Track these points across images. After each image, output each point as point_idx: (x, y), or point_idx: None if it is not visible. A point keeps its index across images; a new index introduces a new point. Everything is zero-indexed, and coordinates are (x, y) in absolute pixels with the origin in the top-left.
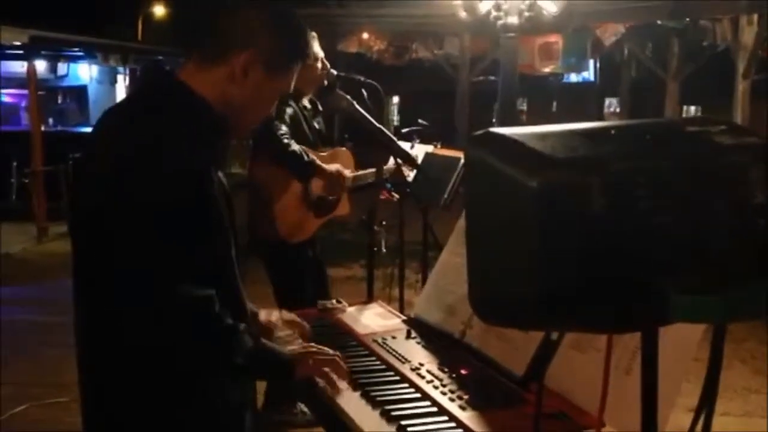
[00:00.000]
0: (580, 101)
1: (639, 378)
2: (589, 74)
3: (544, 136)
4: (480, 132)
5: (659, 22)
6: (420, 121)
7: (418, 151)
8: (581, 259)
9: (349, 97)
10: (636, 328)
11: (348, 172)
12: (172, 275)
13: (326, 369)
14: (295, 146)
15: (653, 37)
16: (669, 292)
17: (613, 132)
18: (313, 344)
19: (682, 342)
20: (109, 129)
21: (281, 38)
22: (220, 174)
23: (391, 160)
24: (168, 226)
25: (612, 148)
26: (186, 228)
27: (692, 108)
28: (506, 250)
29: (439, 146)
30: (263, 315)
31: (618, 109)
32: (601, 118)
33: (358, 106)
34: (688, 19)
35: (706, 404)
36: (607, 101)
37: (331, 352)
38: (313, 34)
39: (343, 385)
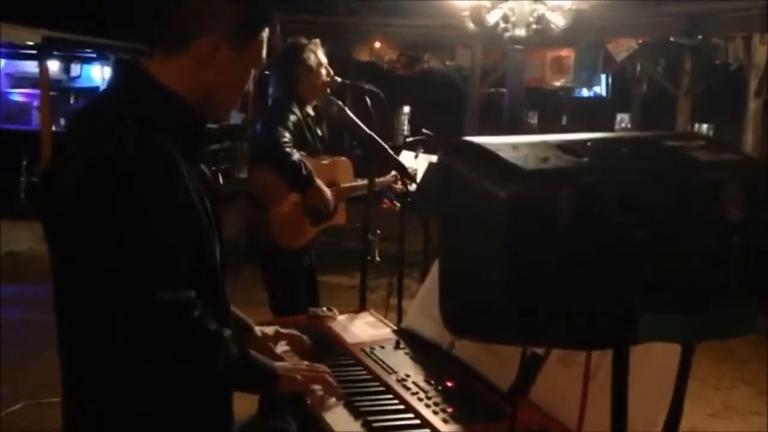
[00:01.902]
0: (591, 116)
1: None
2: (600, 89)
3: (516, 147)
4: (453, 140)
5: (672, 38)
6: (424, 131)
7: (422, 161)
8: (550, 273)
9: (340, 103)
10: (607, 345)
11: (329, 193)
12: (149, 278)
13: (315, 387)
14: (296, 156)
15: (665, 54)
16: (639, 310)
17: (589, 144)
18: (305, 362)
19: (669, 358)
20: (78, 131)
21: (241, 12)
22: (203, 167)
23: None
24: (136, 230)
25: (585, 161)
26: (160, 229)
27: (704, 126)
28: (476, 261)
29: None
30: (258, 330)
31: (629, 125)
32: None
33: (349, 113)
34: (700, 37)
35: (671, 424)
36: (619, 117)
37: (322, 368)
38: (316, 41)
39: (331, 402)
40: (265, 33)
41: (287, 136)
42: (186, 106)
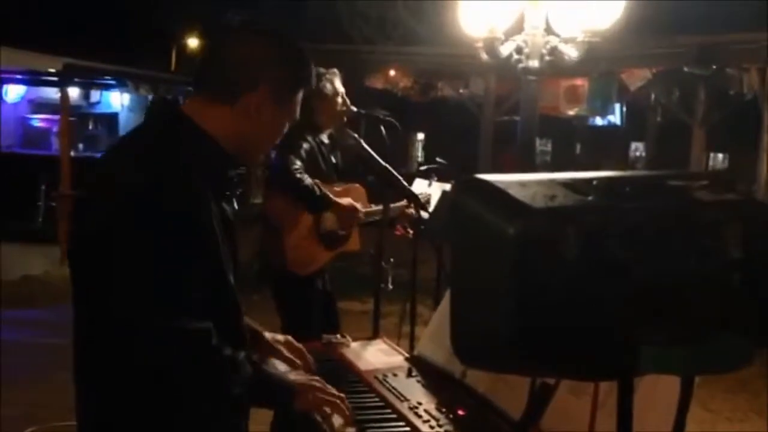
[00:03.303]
0: (605, 145)
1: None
2: (614, 118)
3: (525, 184)
4: (466, 177)
5: (685, 68)
6: (438, 159)
7: (436, 189)
8: (556, 307)
9: (356, 135)
10: (611, 376)
11: (360, 207)
12: (169, 309)
13: (327, 409)
14: (308, 181)
15: (680, 84)
16: (641, 342)
17: (594, 183)
18: (318, 378)
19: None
20: (112, 163)
21: (288, 71)
22: (225, 206)
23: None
24: (163, 262)
25: (590, 199)
26: (182, 264)
27: (719, 156)
28: (486, 294)
29: None
30: (269, 335)
31: (643, 154)
32: (626, 162)
33: (364, 145)
34: (714, 67)
35: None
36: (633, 145)
37: (334, 391)
38: (335, 70)
39: (343, 427)
40: (302, 92)
41: (298, 163)
42: (220, 149)
